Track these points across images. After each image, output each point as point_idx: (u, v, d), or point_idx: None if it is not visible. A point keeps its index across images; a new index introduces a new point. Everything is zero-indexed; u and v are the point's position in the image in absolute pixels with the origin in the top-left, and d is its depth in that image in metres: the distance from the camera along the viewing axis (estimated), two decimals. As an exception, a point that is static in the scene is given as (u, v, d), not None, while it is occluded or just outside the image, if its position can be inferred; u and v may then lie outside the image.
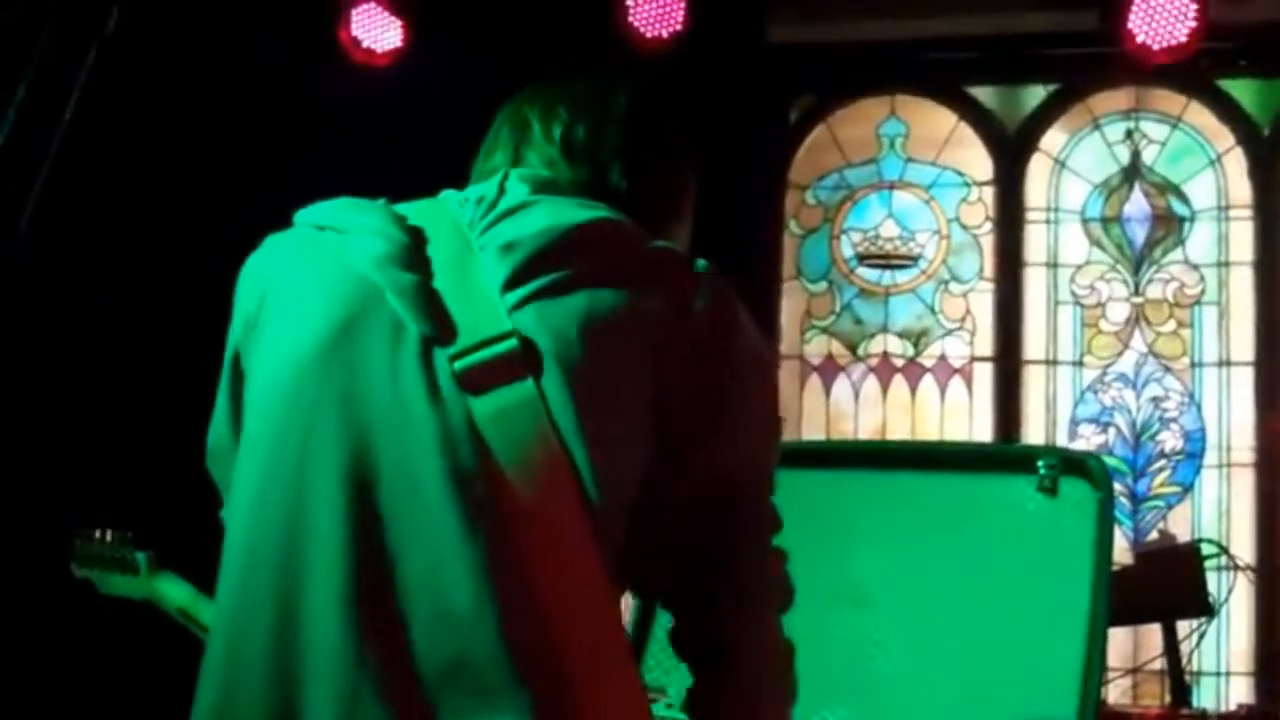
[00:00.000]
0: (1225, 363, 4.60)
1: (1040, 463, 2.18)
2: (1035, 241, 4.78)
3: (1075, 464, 2.18)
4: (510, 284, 1.26)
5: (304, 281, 1.32)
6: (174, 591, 2.37)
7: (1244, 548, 4.34)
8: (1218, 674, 4.33)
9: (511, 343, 1.23)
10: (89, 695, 3.61)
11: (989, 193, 4.81)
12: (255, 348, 1.34)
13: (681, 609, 1.34)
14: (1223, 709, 3.77)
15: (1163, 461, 4.60)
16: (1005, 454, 2.67)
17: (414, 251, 1.29)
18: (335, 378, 1.25)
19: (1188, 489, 4.57)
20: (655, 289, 1.28)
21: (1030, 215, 4.78)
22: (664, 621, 1.39)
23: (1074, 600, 2.09)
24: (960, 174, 4.83)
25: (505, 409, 1.22)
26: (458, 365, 1.23)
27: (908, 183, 4.86)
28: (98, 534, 2.42)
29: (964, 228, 4.82)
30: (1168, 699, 3.32)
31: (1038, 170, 4.80)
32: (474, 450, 1.21)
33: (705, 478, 1.28)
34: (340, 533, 1.21)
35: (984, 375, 4.76)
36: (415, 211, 1.35)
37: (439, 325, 1.25)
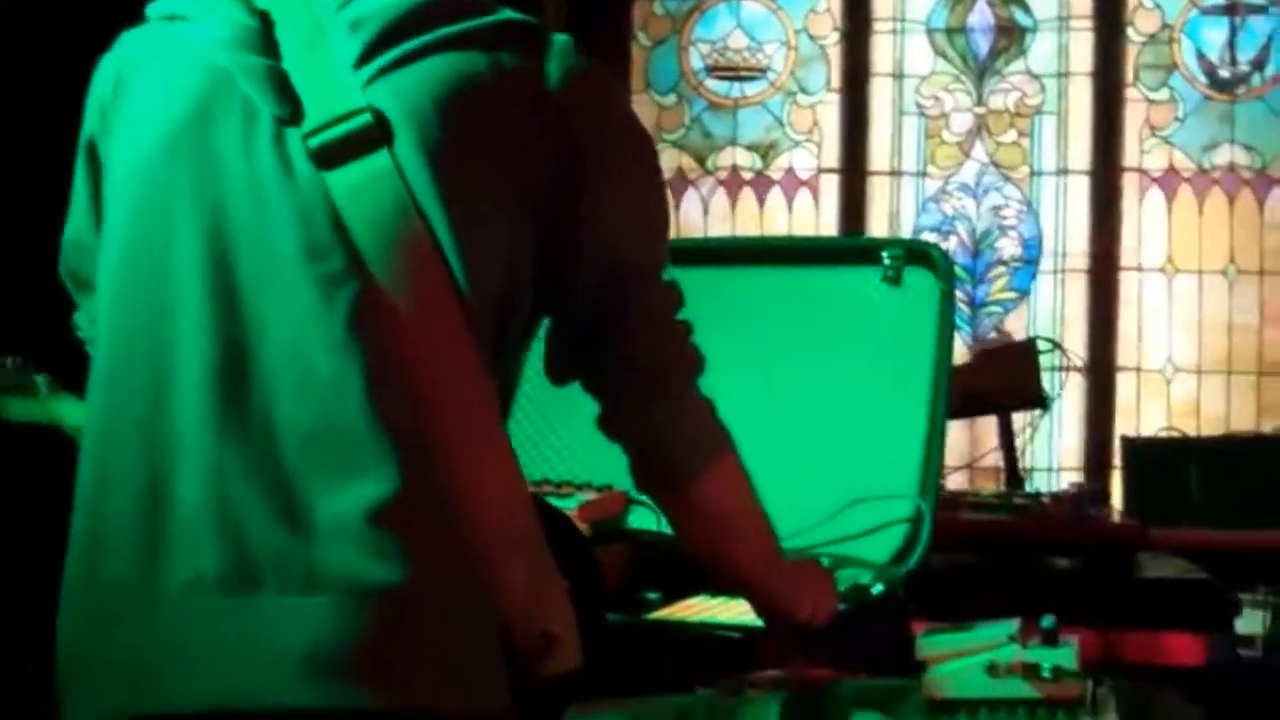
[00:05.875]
0: (1063, 171, 4.72)
1: (885, 253, 2.23)
2: (881, 52, 4.81)
3: (919, 254, 2.23)
4: (361, 60, 1.26)
5: (156, 71, 1.31)
6: (74, 412, 2.34)
7: (1077, 350, 4.51)
8: (1049, 469, 4.53)
9: (365, 117, 1.23)
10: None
11: (836, 3, 4.81)
12: (111, 138, 1.33)
13: (597, 395, 1.38)
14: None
15: (1001, 268, 4.73)
16: (850, 246, 2.73)
17: (263, 35, 1.28)
18: (191, 163, 1.25)
19: (1024, 294, 4.72)
20: (508, 55, 1.27)
21: (877, 25, 4.81)
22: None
23: (917, 385, 2.16)
24: (807, -16, 4.83)
25: (360, 181, 1.22)
26: (311, 142, 1.23)
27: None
28: None
29: (811, 38, 4.83)
30: (1002, 489, 3.47)
31: (883, -19, 4.81)
32: (329, 224, 1.21)
33: (592, 257, 1.30)
34: (204, 312, 1.21)
35: (830, 187, 4.82)
36: None
37: (290, 105, 1.24)
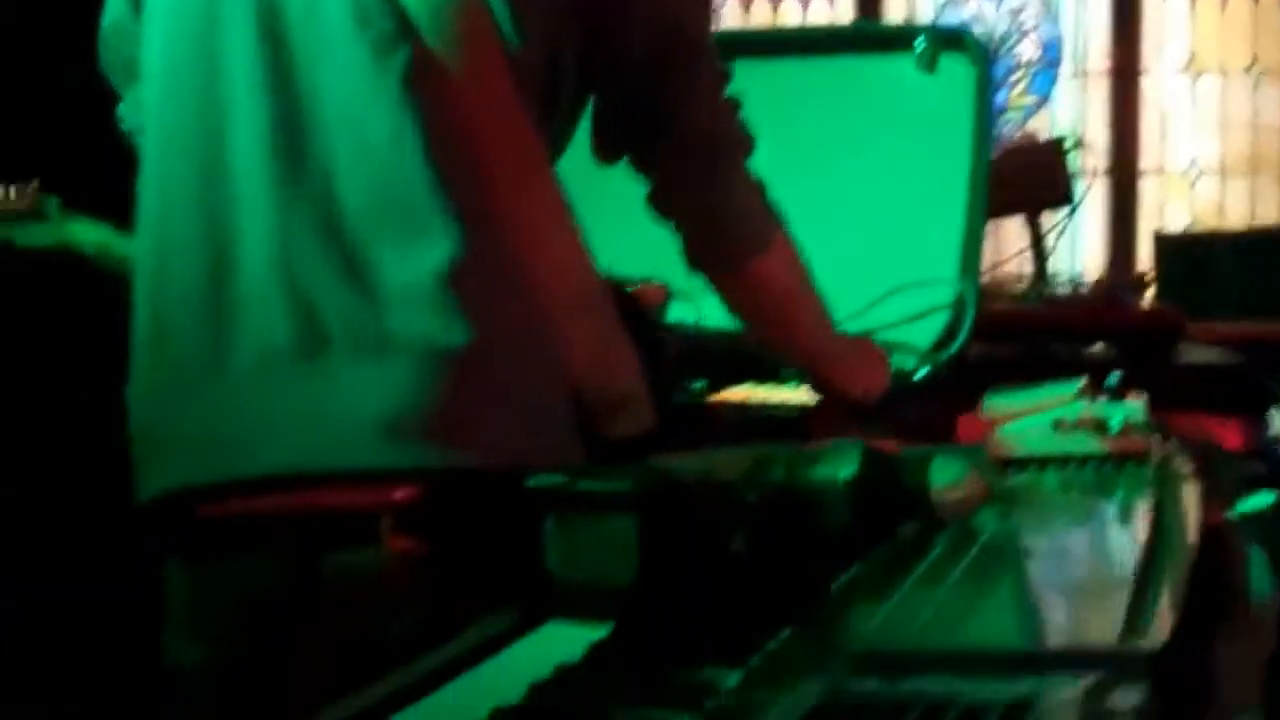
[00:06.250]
0: (1082, -28, 4.62)
1: (917, 40, 2.18)
2: None
3: (952, 39, 2.18)
4: None
5: None
6: (89, 232, 2.30)
7: (1099, 155, 4.46)
8: (1073, 275, 4.50)
9: None
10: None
11: None
12: None
13: (647, 172, 1.36)
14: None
15: (1020, 72, 4.65)
16: (881, 33, 2.67)
17: None
18: None
19: (1044, 98, 4.65)
20: None
21: None
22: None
23: (956, 172, 2.13)
24: None
25: None
26: None
27: None
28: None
29: None
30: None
31: None
32: None
33: (642, 25, 1.28)
34: (256, 83, 1.20)
35: (845, -8, 4.72)
36: None
37: None
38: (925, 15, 4.69)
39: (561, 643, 0.83)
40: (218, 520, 1.18)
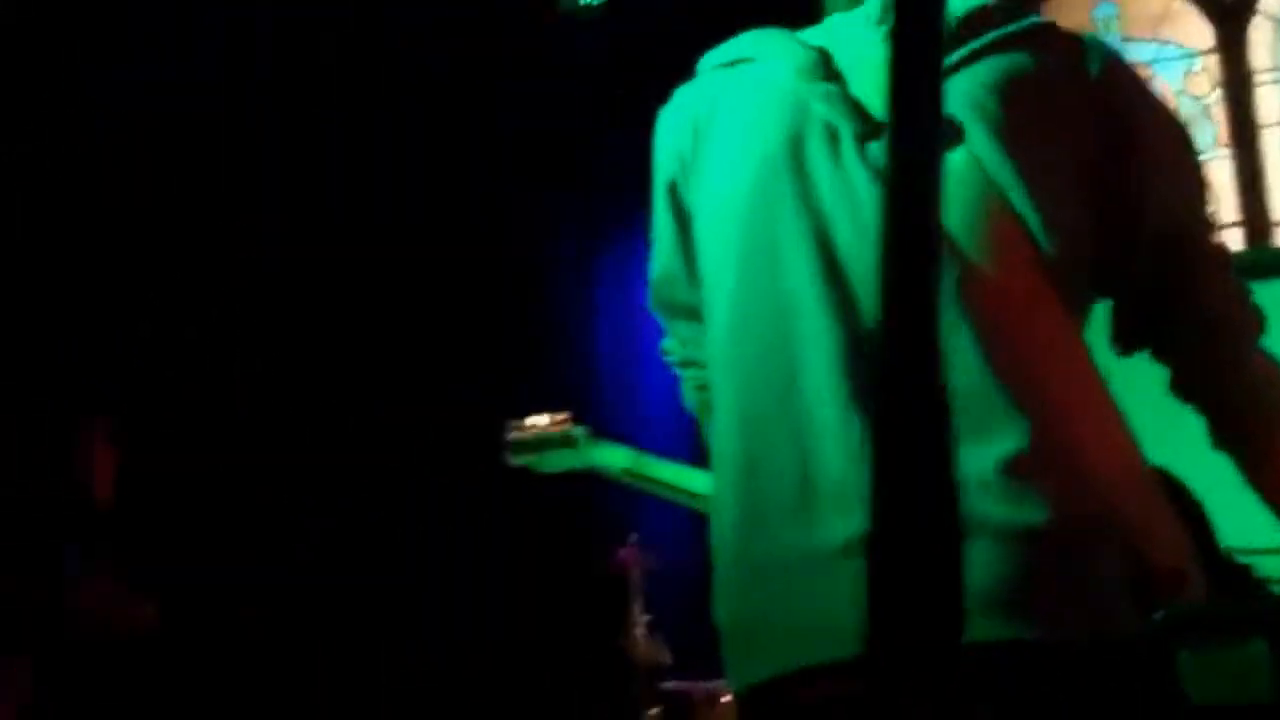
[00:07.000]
0: None
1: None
2: (1266, 103, 4.72)
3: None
4: None
5: (737, 111, 1.44)
6: (616, 455, 2.46)
7: None
8: None
9: None
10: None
11: (1212, 60, 4.76)
12: (699, 180, 1.46)
13: (1171, 355, 1.43)
14: None
15: None
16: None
17: (825, 63, 1.42)
18: (789, 183, 1.37)
19: None
20: (1048, 52, 1.39)
21: (1258, 78, 4.72)
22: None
23: None
24: (1180, 45, 4.79)
25: (945, 177, 1.32)
26: None
27: (1129, 61, 4.82)
28: (530, 419, 2.50)
29: (1192, 98, 4.78)
30: None
31: (1259, 34, 4.74)
32: None
33: (1156, 215, 1.37)
34: (821, 311, 1.33)
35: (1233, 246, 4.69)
36: (810, 34, 1.48)
37: (866, 121, 1.37)
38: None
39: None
40: (808, 705, 1.28)
